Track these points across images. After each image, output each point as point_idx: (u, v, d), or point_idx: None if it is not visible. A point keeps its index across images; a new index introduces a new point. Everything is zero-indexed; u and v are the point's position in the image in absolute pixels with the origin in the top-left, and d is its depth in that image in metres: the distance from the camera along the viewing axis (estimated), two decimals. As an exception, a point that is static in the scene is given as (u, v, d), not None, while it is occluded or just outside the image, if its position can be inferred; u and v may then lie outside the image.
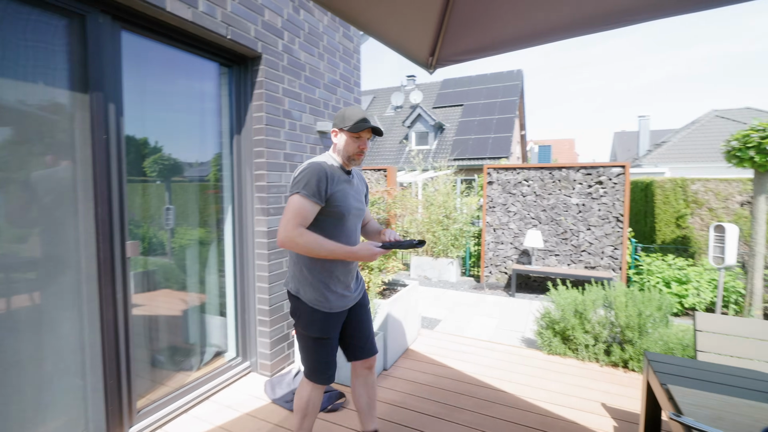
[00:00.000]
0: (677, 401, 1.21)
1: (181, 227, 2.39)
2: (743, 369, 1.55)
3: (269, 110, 2.58)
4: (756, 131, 4.30)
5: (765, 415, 1.13)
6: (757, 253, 4.46)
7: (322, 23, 3.07)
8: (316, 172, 1.49)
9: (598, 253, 5.44)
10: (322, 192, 1.49)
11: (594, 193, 5.44)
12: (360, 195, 1.72)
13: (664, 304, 3.37)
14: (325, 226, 1.56)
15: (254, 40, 2.43)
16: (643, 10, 1.22)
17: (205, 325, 2.56)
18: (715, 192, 6.70)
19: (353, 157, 1.62)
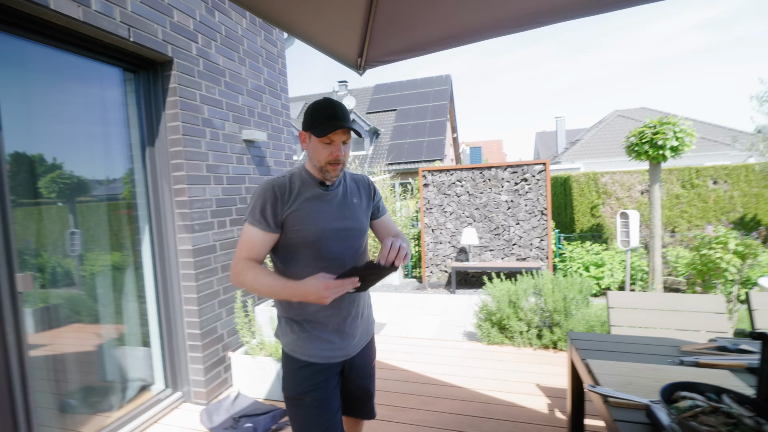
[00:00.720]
0: (594, 373, 1.32)
1: (91, 252, 2.15)
2: (648, 337, 1.72)
3: (186, 119, 2.42)
4: (648, 128, 4.89)
5: (666, 376, 1.25)
6: (655, 235, 5.10)
7: (241, 26, 2.96)
8: (260, 193, 1.19)
9: (527, 245, 5.85)
10: (267, 216, 1.17)
11: (520, 189, 5.85)
12: (351, 210, 1.30)
13: (584, 286, 3.73)
14: (301, 256, 1.21)
15: (163, 43, 2.27)
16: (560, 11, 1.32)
17: (126, 359, 2.32)
18: (621, 183, 7.56)
19: (326, 168, 1.20)
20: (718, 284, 4.22)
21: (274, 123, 3.37)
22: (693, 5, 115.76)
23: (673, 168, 7.28)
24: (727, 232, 4.18)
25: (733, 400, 0.91)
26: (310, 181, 1.24)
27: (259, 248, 1.18)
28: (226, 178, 2.77)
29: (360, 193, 1.37)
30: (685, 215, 7.24)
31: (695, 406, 0.90)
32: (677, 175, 7.26)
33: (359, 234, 1.31)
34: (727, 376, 1.24)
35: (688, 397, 0.95)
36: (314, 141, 1.18)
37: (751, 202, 6.94)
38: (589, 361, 1.43)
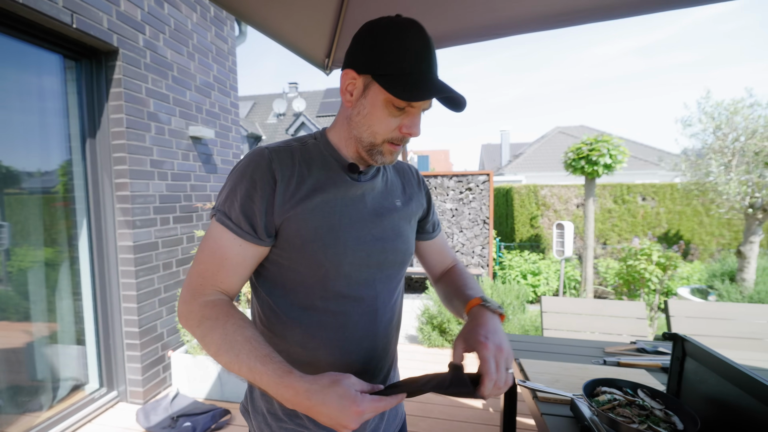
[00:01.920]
0: (525, 371, 1.43)
1: (20, 247, 2.12)
2: (577, 340, 1.86)
3: (130, 111, 2.46)
4: (585, 145, 5.33)
5: (589, 374, 1.38)
6: (588, 246, 5.64)
7: (191, 20, 3.03)
8: (243, 170, 0.75)
9: (470, 253, 6.29)
10: (254, 215, 0.73)
11: (465, 198, 6.29)
12: (393, 218, 0.86)
13: (521, 293, 4.13)
14: (301, 290, 0.78)
15: (108, 32, 2.31)
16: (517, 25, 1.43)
17: (58, 357, 2.29)
18: (559, 196, 8.33)
19: (380, 148, 0.76)
20: (642, 293, 4.67)
21: (222, 121, 3.44)
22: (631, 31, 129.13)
23: (607, 184, 8.06)
24: (651, 245, 4.65)
25: (646, 395, 1.02)
26: (332, 162, 0.80)
27: (234, 269, 0.74)
28: (171, 174, 2.81)
29: (405, 191, 0.92)
30: (616, 229, 8.08)
31: (613, 400, 1.00)
32: (610, 190, 8.08)
33: (402, 260, 0.86)
34: (643, 375, 1.38)
35: (607, 392, 1.04)
36: (378, 96, 0.71)
37: (675, 218, 7.72)
38: (522, 360, 1.54)
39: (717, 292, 4.52)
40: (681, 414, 0.93)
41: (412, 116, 0.73)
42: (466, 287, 0.87)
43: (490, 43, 1.56)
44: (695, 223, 7.65)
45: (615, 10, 1.27)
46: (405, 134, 0.73)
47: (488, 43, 1.50)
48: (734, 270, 4.67)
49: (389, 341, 0.88)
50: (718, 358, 0.93)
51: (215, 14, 3.34)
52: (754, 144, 4.45)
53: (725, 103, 4.74)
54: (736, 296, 4.32)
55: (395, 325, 0.90)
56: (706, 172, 4.84)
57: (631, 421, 0.91)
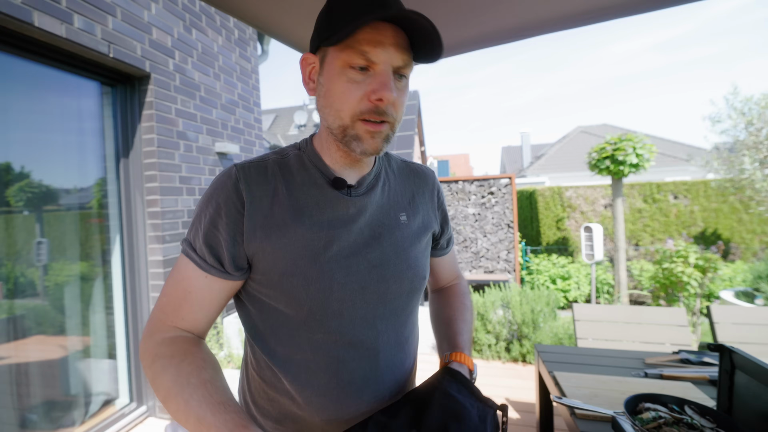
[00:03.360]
0: (561, 385, 1.35)
1: (57, 262, 2.21)
2: (614, 350, 1.76)
3: (161, 131, 2.55)
4: (609, 144, 5.14)
5: (630, 388, 1.29)
6: (619, 248, 5.36)
7: (217, 43, 3.12)
8: (208, 194, 0.65)
9: (495, 258, 6.16)
10: (219, 246, 0.63)
11: (487, 203, 6.18)
12: (396, 240, 0.71)
13: (551, 299, 3.92)
14: (284, 332, 0.67)
15: (141, 59, 2.41)
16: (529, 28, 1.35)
17: (90, 372, 2.36)
18: (585, 197, 8.06)
19: (354, 129, 0.62)
20: (681, 297, 4.42)
21: (247, 136, 3.52)
22: (651, 27, 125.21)
23: (635, 183, 7.69)
24: (687, 246, 4.40)
25: (694, 412, 0.95)
26: (316, 175, 0.67)
27: (199, 304, 0.64)
28: (198, 190, 2.88)
29: (413, 202, 0.76)
30: (648, 229, 7.70)
31: (658, 417, 0.94)
32: (639, 189, 7.72)
33: (411, 288, 0.71)
34: (689, 388, 1.29)
35: (651, 409, 0.98)
36: (333, 64, 0.60)
37: (711, 217, 7.26)
38: (556, 373, 1.45)
39: (765, 295, 4.22)
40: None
41: (377, 76, 0.58)
42: (458, 333, 0.78)
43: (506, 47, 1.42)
44: (734, 220, 7.15)
45: (638, 6, 1.19)
46: (375, 102, 0.58)
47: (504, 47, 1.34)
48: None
49: (402, 387, 0.72)
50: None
51: (239, 36, 3.43)
52: None
53: (755, 98, 4.55)
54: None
55: (409, 367, 0.75)
56: (741, 169, 4.63)
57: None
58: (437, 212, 0.82)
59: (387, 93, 0.58)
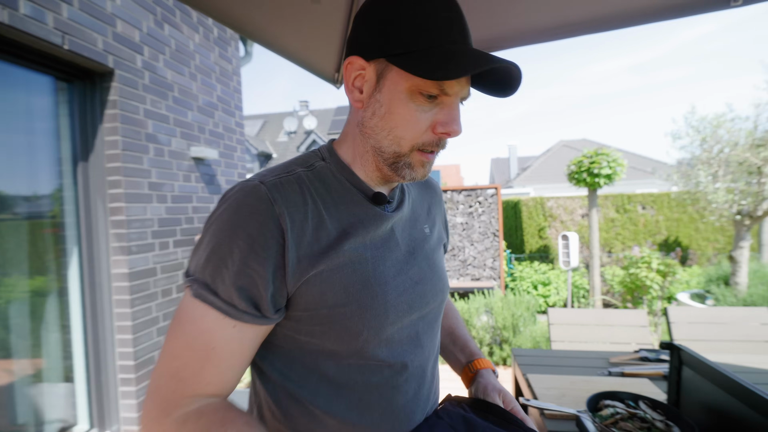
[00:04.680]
0: (533, 387, 1.36)
1: (7, 277, 1.90)
2: (582, 351, 1.80)
3: (127, 133, 2.25)
4: (586, 158, 5.33)
5: (595, 386, 1.30)
6: (594, 255, 5.43)
7: (193, 41, 2.85)
8: (231, 221, 0.49)
9: (481, 266, 5.98)
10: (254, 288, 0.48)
11: (474, 212, 6.01)
12: (427, 252, 0.65)
13: (531, 304, 3.86)
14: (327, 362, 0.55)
15: (103, 54, 2.12)
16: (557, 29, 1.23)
17: (44, 397, 2.03)
18: (564, 207, 8.02)
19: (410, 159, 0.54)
20: (645, 300, 4.58)
21: (227, 141, 3.23)
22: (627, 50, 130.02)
23: (609, 194, 7.85)
24: (650, 253, 4.58)
25: (647, 406, 0.99)
26: (352, 191, 0.57)
27: (228, 361, 0.49)
28: (171, 197, 2.59)
29: (430, 212, 0.71)
30: (619, 237, 7.78)
31: (615, 413, 0.97)
32: (612, 200, 7.83)
33: (442, 300, 0.66)
34: (646, 384, 1.33)
35: (610, 405, 1.01)
36: (398, 86, 0.50)
37: (673, 226, 7.63)
38: (529, 375, 1.47)
39: (714, 296, 4.43)
40: (680, 424, 0.90)
41: (447, 108, 0.50)
42: (468, 341, 0.82)
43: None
44: (692, 229, 7.55)
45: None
46: (441, 135, 0.51)
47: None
48: (728, 274, 4.64)
49: (437, 399, 0.69)
50: (711, 366, 0.91)
51: (219, 35, 3.16)
52: (736, 155, 4.51)
53: (709, 118, 4.82)
54: (731, 300, 4.24)
55: (437, 381, 0.70)
56: (696, 182, 4.87)
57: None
58: (444, 221, 0.80)
59: (456, 127, 0.51)
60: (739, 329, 2.09)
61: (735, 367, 1.56)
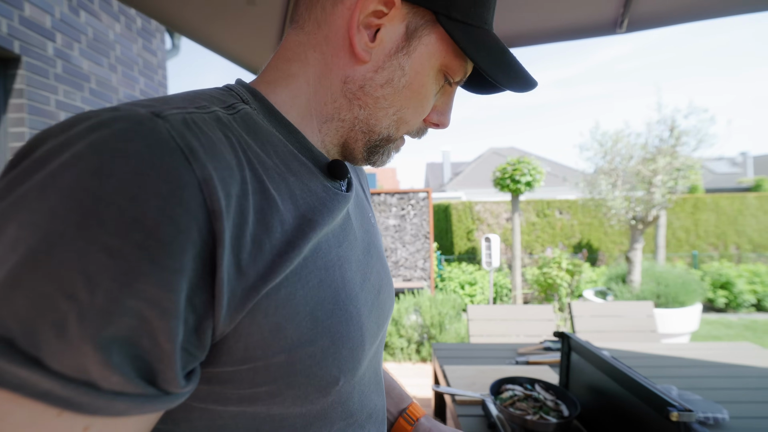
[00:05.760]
0: (448, 377, 1.46)
1: None
2: (495, 344, 1.95)
3: (35, 125, 2.09)
4: (510, 165, 5.71)
5: (502, 374, 1.42)
6: (516, 257, 5.90)
7: (114, 31, 2.70)
8: (85, 212, 0.22)
9: (413, 267, 6.25)
10: (147, 341, 0.23)
11: (406, 215, 6.27)
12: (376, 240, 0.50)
13: (456, 303, 4.13)
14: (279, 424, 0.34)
15: (8, 39, 1.96)
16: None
17: None
18: (491, 211, 8.63)
19: (394, 144, 0.43)
20: (556, 296, 5.05)
21: (151, 136, 3.10)
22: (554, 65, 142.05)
23: (531, 200, 8.57)
24: (561, 254, 5.08)
25: (542, 388, 1.10)
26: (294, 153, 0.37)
27: None
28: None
29: (368, 196, 0.57)
30: (539, 240, 8.52)
31: (514, 396, 1.08)
32: (533, 206, 8.57)
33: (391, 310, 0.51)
34: (546, 370, 1.49)
35: (510, 389, 1.12)
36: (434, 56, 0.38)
37: (585, 230, 8.46)
38: (446, 367, 1.57)
39: (613, 293, 4.95)
40: (567, 402, 1.01)
41: (448, 97, 0.43)
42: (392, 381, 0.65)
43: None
44: (601, 233, 8.35)
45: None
46: (432, 124, 0.43)
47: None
48: (626, 273, 5.17)
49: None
50: (593, 351, 1.00)
51: (143, 26, 3.02)
52: (632, 167, 5.05)
53: (610, 133, 5.37)
54: (627, 295, 4.73)
55: None
56: (599, 190, 5.41)
57: (527, 413, 0.99)
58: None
59: (448, 119, 0.44)
60: (630, 321, 2.37)
61: (621, 352, 1.79)
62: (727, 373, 1.49)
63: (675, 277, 4.63)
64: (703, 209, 8.22)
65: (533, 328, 2.38)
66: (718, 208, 8.19)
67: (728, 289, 5.82)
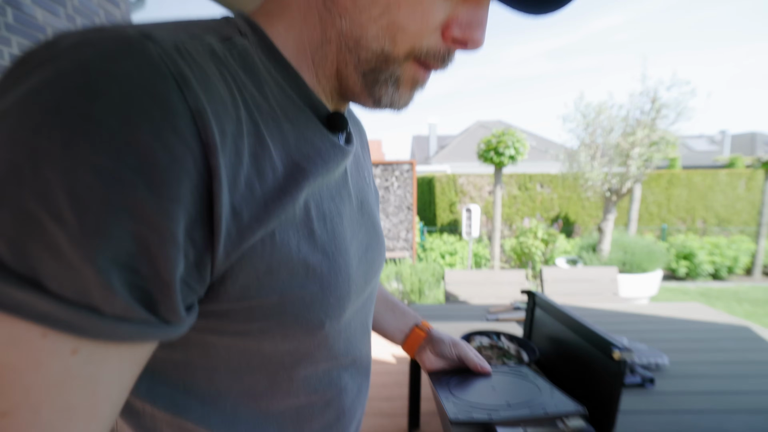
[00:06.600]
0: None
1: None
2: (470, 304, 2.05)
3: (-12, 78, 1.97)
4: (494, 137, 5.62)
5: (472, 327, 1.52)
6: (496, 228, 6.00)
7: (73, -20, 2.52)
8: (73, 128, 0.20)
9: (396, 237, 6.31)
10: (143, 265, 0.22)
11: (390, 186, 6.27)
12: (371, 199, 0.47)
13: (436, 271, 4.24)
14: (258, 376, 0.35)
15: (-50, -19, 1.81)
16: None
17: None
18: (474, 184, 8.70)
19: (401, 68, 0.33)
20: (530, 264, 5.26)
21: (120, 97, 2.96)
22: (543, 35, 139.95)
23: (513, 173, 8.68)
24: (537, 224, 5.26)
25: (506, 339, 1.19)
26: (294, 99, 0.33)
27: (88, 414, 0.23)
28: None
29: (366, 154, 0.54)
30: (519, 212, 8.70)
31: (480, 345, 1.16)
32: (516, 179, 8.68)
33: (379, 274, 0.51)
34: (514, 326, 1.60)
35: (477, 339, 1.20)
36: None
37: (564, 203, 8.71)
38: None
39: (583, 261, 5.18)
40: (527, 349, 1.09)
41: (475, 4, 0.32)
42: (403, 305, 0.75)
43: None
44: (579, 207, 8.62)
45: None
46: (456, 42, 0.32)
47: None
48: (597, 242, 5.37)
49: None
50: (554, 306, 1.09)
51: (105, -25, 2.82)
52: (612, 140, 5.10)
53: (593, 104, 5.35)
54: (596, 263, 4.95)
55: None
56: (579, 163, 5.47)
57: (491, 358, 1.07)
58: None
59: (480, 35, 0.32)
60: (595, 284, 2.55)
61: (583, 309, 1.91)
62: (674, 327, 1.61)
63: (641, 247, 4.83)
64: (677, 185, 8.46)
65: (506, 292, 2.51)
66: (690, 184, 8.44)
67: (690, 259, 6.10)
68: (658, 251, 4.80)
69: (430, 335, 0.71)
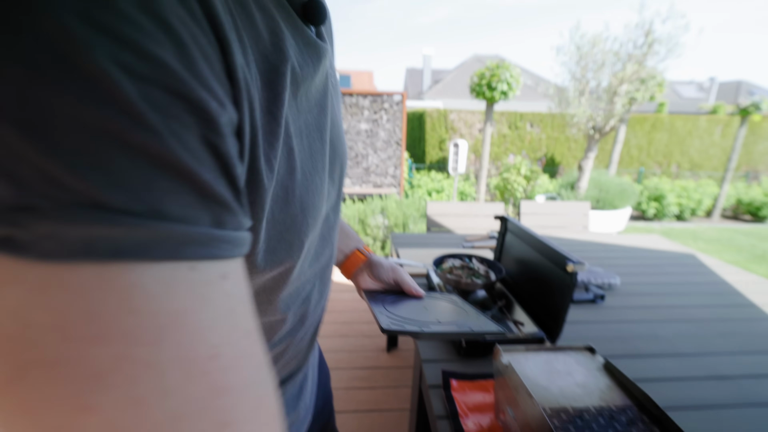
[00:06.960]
0: (400, 255, 1.67)
1: None
2: (448, 234, 2.17)
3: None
4: (488, 70, 5.42)
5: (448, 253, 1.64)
6: (483, 167, 6.06)
7: None
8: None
9: (384, 173, 6.34)
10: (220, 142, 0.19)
11: (379, 120, 6.14)
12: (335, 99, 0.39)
13: (420, 206, 4.37)
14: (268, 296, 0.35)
15: None
16: None
17: None
18: (465, 121, 8.58)
19: None
20: (512, 200, 5.42)
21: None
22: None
23: (504, 111, 8.55)
24: (521, 161, 5.36)
25: (477, 261, 1.25)
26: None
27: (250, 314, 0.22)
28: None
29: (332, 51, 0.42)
30: (508, 151, 8.73)
31: (453, 265, 1.23)
32: (507, 117, 8.58)
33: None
34: (488, 253, 1.69)
35: (450, 261, 1.26)
36: None
37: (552, 143, 8.76)
38: (400, 249, 1.75)
39: (561, 198, 5.39)
40: (495, 270, 1.17)
41: None
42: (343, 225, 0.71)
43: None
44: (565, 148, 8.74)
45: None
46: None
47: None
48: (576, 180, 5.54)
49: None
50: (523, 229, 1.14)
51: None
52: (602, 76, 5.03)
53: (588, 35, 5.13)
54: (572, 199, 5.16)
55: None
56: (568, 99, 5.41)
57: (461, 278, 1.14)
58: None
59: None
60: (568, 218, 2.69)
61: (554, 238, 2.01)
62: (630, 255, 1.79)
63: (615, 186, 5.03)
64: (660, 129, 8.53)
65: (485, 224, 2.63)
66: (672, 129, 8.53)
67: (659, 201, 6.40)
68: (630, 191, 5.02)
69: (370, 259, 0.71)
